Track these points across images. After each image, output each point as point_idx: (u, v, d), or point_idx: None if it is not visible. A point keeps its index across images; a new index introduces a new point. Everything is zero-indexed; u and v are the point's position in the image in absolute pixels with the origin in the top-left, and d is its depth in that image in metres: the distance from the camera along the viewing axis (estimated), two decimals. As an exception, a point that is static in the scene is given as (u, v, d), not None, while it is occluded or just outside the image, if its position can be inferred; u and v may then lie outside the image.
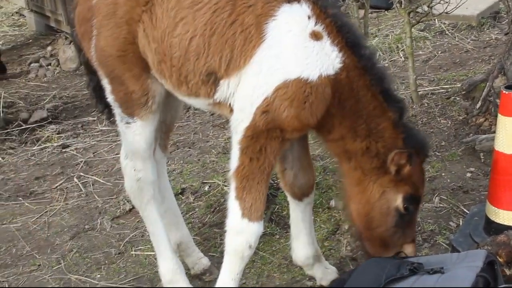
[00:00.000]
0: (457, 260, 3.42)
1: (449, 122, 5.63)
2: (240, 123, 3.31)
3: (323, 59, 3.19)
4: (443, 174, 5.04)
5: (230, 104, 3.41)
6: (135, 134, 3.75)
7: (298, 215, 3.91)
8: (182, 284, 4.00)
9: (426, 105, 5.94)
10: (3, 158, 6.34)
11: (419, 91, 6.13)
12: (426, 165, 5.04)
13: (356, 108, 3.31)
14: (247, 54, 3.23)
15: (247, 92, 3.26)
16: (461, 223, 4.44)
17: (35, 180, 5.90)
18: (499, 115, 3.96)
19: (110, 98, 3.77)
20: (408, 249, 3.52)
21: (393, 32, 7.93)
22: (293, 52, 3.19)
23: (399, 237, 3.48)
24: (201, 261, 4.30)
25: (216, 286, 3.60)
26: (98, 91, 3.93)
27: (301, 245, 3.96)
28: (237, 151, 3.31)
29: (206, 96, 3.45)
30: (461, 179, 4.96)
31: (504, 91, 3.91)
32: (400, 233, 3.48)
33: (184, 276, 4.02)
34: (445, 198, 4.78)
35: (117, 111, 3.78)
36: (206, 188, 5.26)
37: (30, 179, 5.92)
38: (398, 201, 3.41)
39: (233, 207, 3.39)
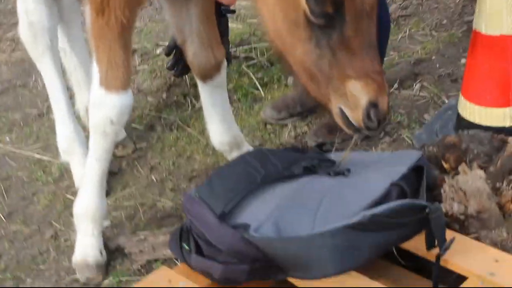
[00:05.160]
0: (384, 160, 2.69)
1: (459, -1, 4.70)
2: None
3: None
4: (433, 57, 4.17)
5: None
6: None
7: (206, 98, 3.20)
8: (77, 156, 3.37)
9: (440, -24, 4.97)
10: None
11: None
12: (415, 45, 4.25)
13: None
14: None
15: None
16: (436, 117, 3.63)
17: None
18: (480, -18, 3.08)
19: None
20: (355, 88, 2.20)
21: None
22: None
23: (329, 65, 2.21)
24: (113, 132, 3.62)
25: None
26: None
27: (215, 130, 3.28)
28: (87, 2, 2.62)
29: None
30: (453, 65, 4.09)
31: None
32: (328, 58, 2.20)
33: (82, 147, 3.36)
34: (428, 86, 3.94)
35: None
36: (158, 50, 4.54)
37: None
38: None
39: (93, 73, 2.73)
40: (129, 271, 2.96)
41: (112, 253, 3.03)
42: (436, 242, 2.27)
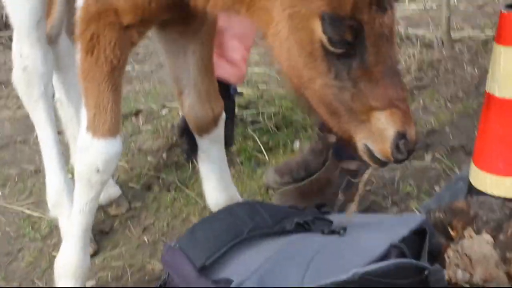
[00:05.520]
0: (385, 222, 2.50)
1: (476, 71, 4.55)
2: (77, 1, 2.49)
3: None
4: (446, 128, 4.00)
5: None
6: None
7: (204, 153, 3.02)
8: (66, 211, 3.19)
9: (457, 50, 4.86)
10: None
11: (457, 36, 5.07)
12: (429, 116, 4.10)
13: None
14: None
15: None
16: (447, 188, 3.44)
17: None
18: (494, 43, 2.94)
19: None
20: (380, 119, 2.04)
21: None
22: None
23: (351, 97, 2.04)
24: (107, 190, 3.45)
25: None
26: None
27: (211, 188, 3.09)
28: (77, 41, 2.51)
29: None
30: (467, 137, 3.91)
31: (503, 11, 2.87)
32: (349, 90, 2.04)
33: (71, 201, 3.18)
34: (440, 157, 3.76)
35: None
36: (164, 112, 4.42)
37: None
38: (317, 27, 2.00)
39: (81, 117, 2.57)
40: (110, 334, 2.76)
41: (94, 314, 2.84)
42: (436, 310, 2.06)
